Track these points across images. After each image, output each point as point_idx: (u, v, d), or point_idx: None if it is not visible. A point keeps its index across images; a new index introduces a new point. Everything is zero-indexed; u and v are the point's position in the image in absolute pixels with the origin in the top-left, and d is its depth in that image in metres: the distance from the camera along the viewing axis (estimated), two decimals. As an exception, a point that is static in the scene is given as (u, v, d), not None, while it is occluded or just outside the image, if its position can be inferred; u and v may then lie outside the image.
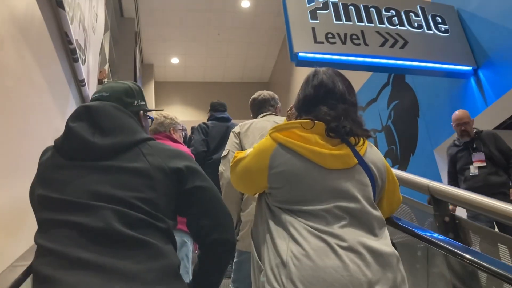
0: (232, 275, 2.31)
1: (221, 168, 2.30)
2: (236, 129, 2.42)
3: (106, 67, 5.89)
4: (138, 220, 1.07)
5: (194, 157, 2.60)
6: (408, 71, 3.88)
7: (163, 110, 2.08)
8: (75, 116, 1.19)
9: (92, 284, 0.95)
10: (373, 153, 1.34)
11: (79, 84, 2.94)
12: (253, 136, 2.34)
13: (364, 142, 1.31)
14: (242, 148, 2.30)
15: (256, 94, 2.64)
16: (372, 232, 1.21)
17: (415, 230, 1.61)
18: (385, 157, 4.43)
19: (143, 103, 1.38)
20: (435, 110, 4.18)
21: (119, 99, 1.28)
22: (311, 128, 1.27)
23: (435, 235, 1.61)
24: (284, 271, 1.15)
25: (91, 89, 3.31)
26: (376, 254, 1.16)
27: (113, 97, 1.28)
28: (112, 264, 0.98)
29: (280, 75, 9.43)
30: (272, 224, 1.26)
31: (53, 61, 2.43)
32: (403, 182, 2.05)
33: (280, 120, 2.26)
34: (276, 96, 2.69)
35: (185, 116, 9.15)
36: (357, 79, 5.37)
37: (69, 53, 2.65)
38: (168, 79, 9.95)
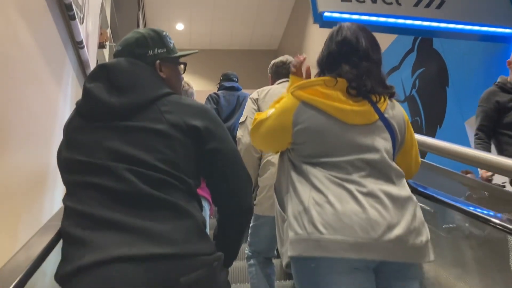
0: (248, 239, 2.33)
1: (239, 133, 2.32)
2: (254, 95, 2.42)
3: (108, 31, 5.52)
4: (160, 181, 1.07)
5: None
6: (443, 34, 3.48)
7: (195, 52, 1.50)
8: (92, 76, 1.18)
9: (120, 243, 0.96)
10: (394, 109, 1.37)
11: (77, 46, 2.59)
12: (271, 101, 2.23)
13: (385, 100, 1.35)
14: None
15: (286, 58, 2.58)
16: (390, 180, 1.26)
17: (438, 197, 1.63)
18: None
19: (162, 50, 1.30)
20: (467, 79, 3.82)
21: (130, 52, 1.24)
22: (334, 86, 1.30)
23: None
24: (306, 216, 1.19)
25: (91, 52, 2.97)
26: (393, 198, 1.21)
27: (125, 50, 1.25)
28: (138, 224, 0.99)
29: (290, 43, 8.98)
30: (294, 176, 1.31)
31: (45, 18, 2.08)
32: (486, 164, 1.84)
33: None
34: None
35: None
36: (381, 44, 4.97)
37: (64, 9, 2.29)
38: (173, 46, 9.53)
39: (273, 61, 2.67)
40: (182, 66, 1.40)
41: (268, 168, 2.19)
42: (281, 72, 2.59)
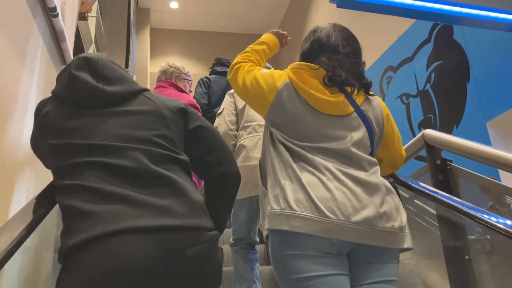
0: (232, 226, 2.45)
1: (216, 123, 2.50)
2: (231, 90, 2.57)
3: (95, 6, 5.03)
4: (163, 156, 1.14)
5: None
6: (465, 20, 3.05)
7: None
8: (76, 66, 1.21)
9: (128, 215, 1.00)
10: (372, 103, 1.43)
11: (49, 13, 2.14)
12: None
13: (360, 92, 1.41)
14: (236, 105, 2.50)
15: None
16: (361, 168, 1.31)
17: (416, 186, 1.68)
18: (419, 127, 3.72)
19: None
20: (492, 75, 3.44)
21: None
22: (316, 70, 1.39)
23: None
24: (282, 194, 1.27)
25: (68, 22, 2.51)
26: (362, 183, 1.26)
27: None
28: (145, 198, 1.04)
29: (291, 28, 8.52)
30: (273, 154, 1.38)
31: (3, -27, 1.63)
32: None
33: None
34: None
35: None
36: (388, 34, 4.59)
37: (31, -35, 1.85)
38: (166, 26, 9.00)
39: None
40: None
41: (241, 152, 2.36)
42: None
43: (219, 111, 2.58)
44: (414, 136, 2.35)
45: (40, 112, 1.20)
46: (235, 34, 9.10)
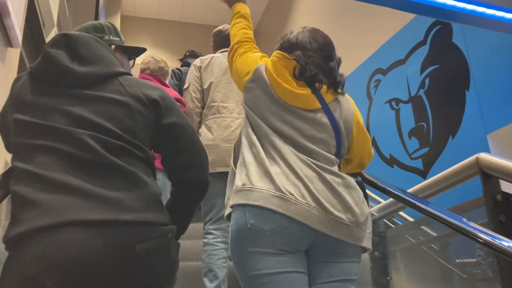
0: (202, 213, 2.47)
1: (184, 99, 2.56)
2: (197, 62, 2.58)
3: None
4: (120, 148, 1.10)
5: None
6: (467, 18, 2.74)
7: (142, 49, 1.55)
8: (53, 43, 1.18)
9: (77, 207, 0.96)
10: (342, 103, 1.45)
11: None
12: (212, 71, 2.51)
13: (328, 90, 1.43)
14: (202, 82, 2.53)
15: (222, 27, 2.73)
16: (318, 160, 1.33)
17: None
18: (410, 136, 3.37)
19: (116, 39, 1.40)
20: (496, 83, 3.14)
21: (87, 33, 1.26)
22: (289, 60, 1.42)
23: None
24: (245, 170, 1.32)
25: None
26: (320, 174, 1.29)
27: (82, 32, 1.27)
28: (96, 190, 1.00)
29: (272, 21, 8.14)
30: (244, 139, 1.43)
31: None
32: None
33: None
34: None
35: (156, 60, 7.77)
36: (379, 34, 4.26)
37: None
38: (138, 14, 8.46)
39: (217, 28, 2.76)
40: (132, 61, 1.48)
41: (205, 132, 2.44)
42: (219, 42, 2.71)
43: (185, 87, 2.59)
44: (403, 143, 2.16)
45: (14, 84, 1.18)
46: (212, 26, 8.60)
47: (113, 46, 1.37)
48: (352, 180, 1.34)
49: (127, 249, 0.98)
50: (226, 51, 2.53)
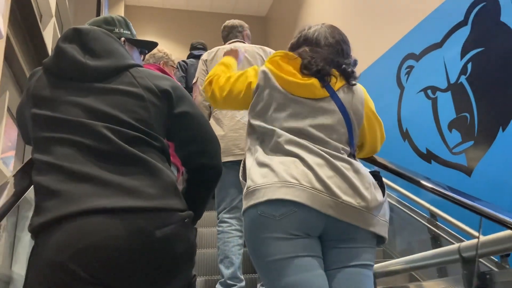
0: (216, 201, 2.56)
1: (193, 94, 2.70)
2: (204, 56, 2.74)
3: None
4: (136, 138, 1.14)
5: None
6: None
7: (153, 43, 1.57)
8: (65, 38, 1.21)
9: (97, 195, 1.01)
10: (351, 90, 1.46)
11: None
12: (217, 63, 2.49)
13: (338, 80, 1.45)
14: None
15: (226, 22, 2.91)
16: (327, 148, 1.35)
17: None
18: (450, 128, 2.93)
19: (126, 32, 1.44)
20: (558, 66, 2.73)
21: (98, 27, 1.31)
22: (294, 60, 1.46)
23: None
24: (249, 175, 1.34)
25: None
26: (326, 159, 1.30)
27: (94, 25, 1.32)
28: (115, 179, 1.05)
29: (283, 9, 7.70)
30: (250, 138, 1.47)
31: None
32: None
33: (246, 47, 2.76)
34: (245, 24, 2.96)
35: (162, 51, 7.37)
36: (409, 16, 3.82)
37: None
38: (142, 3, 8.05)
39: (223, 25, 2.93)
40: (143, 55, 1.54)
41: (214, 124, 2.51)
42: (230, 32, 2.87)
43: (194, 81, 2.67)
44: (442, 136, 1.96)
45: (30, 80, 1.22)
46: (220, 14, 8.19)
47: (122, 39, 1.39)
48: (360, 166, 1.36)
49: (146, 235, 1.02)
50: (233, 41, 2.78)
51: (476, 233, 2.57)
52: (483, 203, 1.54)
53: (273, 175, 1.27)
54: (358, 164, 1.36)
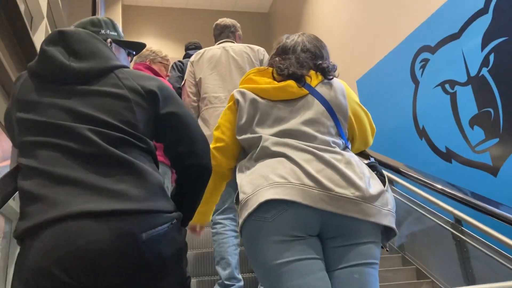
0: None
1: (182, 95, 2.74)
2: (193, 58, 2.78)
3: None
4: (121, 140, 1.12)
5: None
6: None
7: (141, 44, 1.55)
8: (49, 40, 1.22)
9: (82, 199, 1.00)
10: (330, 83, 1.46)
11: None
12: (202, 65, 2.70)
13: (316, 78, 1.45)
14: (194, 76, 2.71)
15: (219, 20, 2.95)
16: (315, 143, 1.34)
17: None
18: (472, 124, 2.61)
19: (113, 33, 1.42)
20: None
21: (84, 29, 1.32)
22: (264, 71, 1.51)
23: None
24: (240, 188, 1.32)
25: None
26: (317, 155, 1.28)
27: (79, 27, 1.33)
28: (100, 182, 1.04)
29: (285, 5, 7.46)
30: (238, 163, 1.46)
31: None
32: None
33: (233, 47, 2.75)
34: (238, 24, 2.99)
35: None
36: (422, 5, 3.58)
37: None
38: (140, 3, 7.83)
39: (215, 23, 2.96)
40: (132, 55, 1.52)
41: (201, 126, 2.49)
42: (221, 32, 2.88)
43: (182, 83, 2.73)
44: (463, 133, 1.93)
45: (15, 84, 1.22)
46: (221, 12, 7.94)
47: (109, 40, 1.38)
48: (353, 156, 1.34)
49: (133, 238, 1.00)
50: (225, 41, 2.82)
51: (509, 241, 2.34)
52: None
53: (262, 179, 1.26)
54: (350, 155, 1.34)
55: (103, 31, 1.38)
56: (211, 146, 1.48)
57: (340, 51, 5.07)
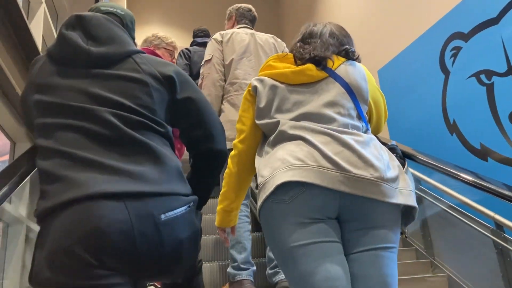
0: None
1: (204, 70, 2.61)
2: (217, 36, 2.68)
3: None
4: (139, 123, 1.14)
5: None
6: None
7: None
8: (68, 24, 1.23)
9: (102, 181, 1.02)
10: (349, 66, 1.44)
11: None
12: (233, 47, 2.63)
13: (335, 61, 1.44)
14: (224, 57, 2.63)
15: (240, 5, 2.91)
16: (334, 125, 1.33)
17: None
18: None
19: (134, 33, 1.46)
20: None
21: (128, 24, 1.39)
22: (284, 57, 1.50)
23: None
24: (258, 172, 1.34)
25: None
26: (333, 136, 1.27)
27: (127, 19, 1.39)
28: (117, 165, 1.06)
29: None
30: (258, 151, 1.46)
31: None
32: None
33: (259, 35, 2.74)
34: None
35: (168, 40, 6.85)
36: None
37: None
38: (145, -10, 7.52)
39: (236, 5, 2.91)
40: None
41: (228, 108, 2.52)
42: (245, 16, 2.86)
43: (207, 58, 2.61)
44: (501, 129, 1.97)
45: (32, 67, 1.23)
46: (229, -1, 7.65)
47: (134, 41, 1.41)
48: (371, 139, 1.33)
49: (152, 219, 1.03)
50: (246, 27, 2.79)
51: None
52: None
53: (279, 162, 1.25)
54: (370, 137, 1.33)
55: (133, 34, 1.42)
56: (235, 140, 1.50)
57: (359, 38, 4.74)
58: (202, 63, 2.69)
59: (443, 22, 3.61)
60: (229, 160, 1.52)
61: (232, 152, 1.51)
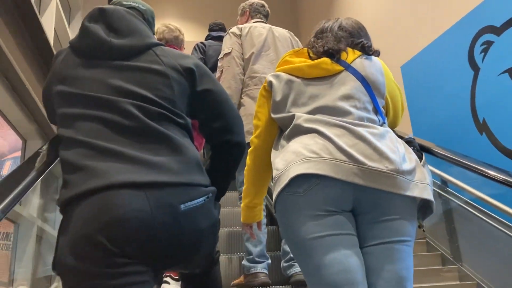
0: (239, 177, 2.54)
1: (224, 63, 2.61)
2: (235, 30, 2.68)
3: None
4: (159, 114, 1.16)
5: None
6: None
7: None
8: (90, 17, 1.26)
9: (123, 171, 1.04)
10: (366, 60, 1.44)
11: None
12: (252, 41, 2.64)
13: (352, 52, 1.44)
14: (244, 51, 2.63)
15: (256, 0, 2.93)
16: (349, 118, 1.33)
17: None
18: None
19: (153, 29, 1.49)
20: None
21: (149, 19, 1.42)
22: (298, 51, 1.51)
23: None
24: (274, 166, 1.35)
25: None
26: (348, 129, 1.27)
27: (148, 14, 1.42)
28: (138, 155, 1.07)
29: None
30: (273, 145, 1.47)
31: None
32: None
33: (277, 29, 2.77)
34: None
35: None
36: None
37: None
38: (160, -17, 7.44)
39: (250, 1, 2.92)
40: None
41: (248, 102, 2.54)
42: (259, 11, 2.87)
43: (227, 51, 2.61)
44: None
45: (55, 59, 1.26)
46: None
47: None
48: (387, 130, 1.32)
49: (171, 209, 1.05)
50: (259, 21, 2.80)
51: None
52: None
53: (293, 155, 1.26)
54: (386, 130, 1.33)
55: (151, 20, 1.44)
56: (252, 136, 1.52)
57: (380, 32, 4.59)
58: (221, 56, 2.68)
59: (473, 15, 3.42)
60: (247, 157, 1.55)
61: (250, 148, 1.53)
